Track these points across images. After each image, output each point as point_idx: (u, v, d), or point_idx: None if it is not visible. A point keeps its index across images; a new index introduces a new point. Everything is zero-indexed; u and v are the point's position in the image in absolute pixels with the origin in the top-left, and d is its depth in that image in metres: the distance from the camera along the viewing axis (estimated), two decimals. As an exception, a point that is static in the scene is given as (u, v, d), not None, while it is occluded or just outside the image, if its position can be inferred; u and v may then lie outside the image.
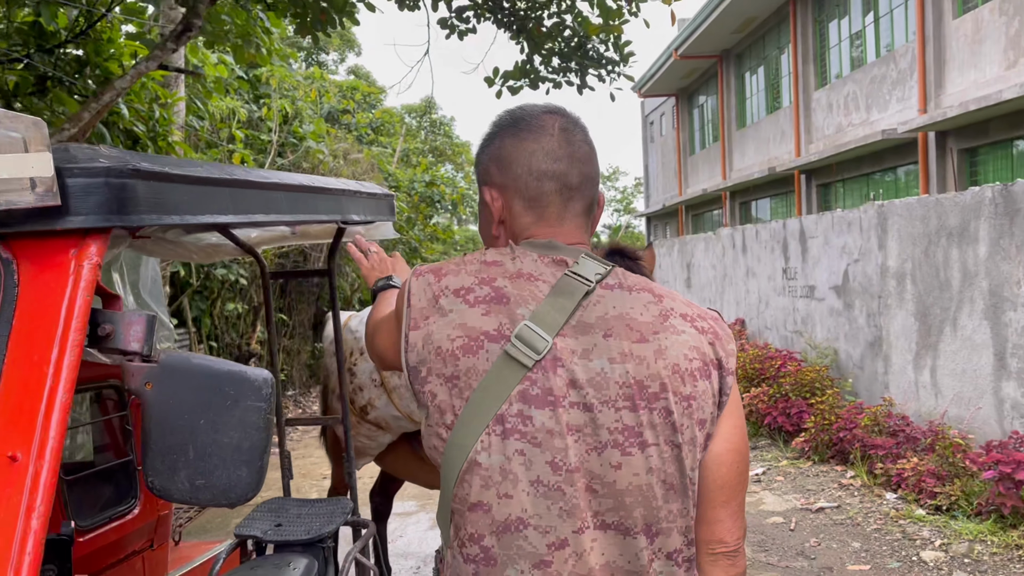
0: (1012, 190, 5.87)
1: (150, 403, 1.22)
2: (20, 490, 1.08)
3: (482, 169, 1.47)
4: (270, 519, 2.80)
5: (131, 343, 1.24)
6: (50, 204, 1.14)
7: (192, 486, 1.24)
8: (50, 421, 1.11)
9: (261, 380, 1.26)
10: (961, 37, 12.48)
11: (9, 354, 1.15)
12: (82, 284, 1.18)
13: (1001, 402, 6.06)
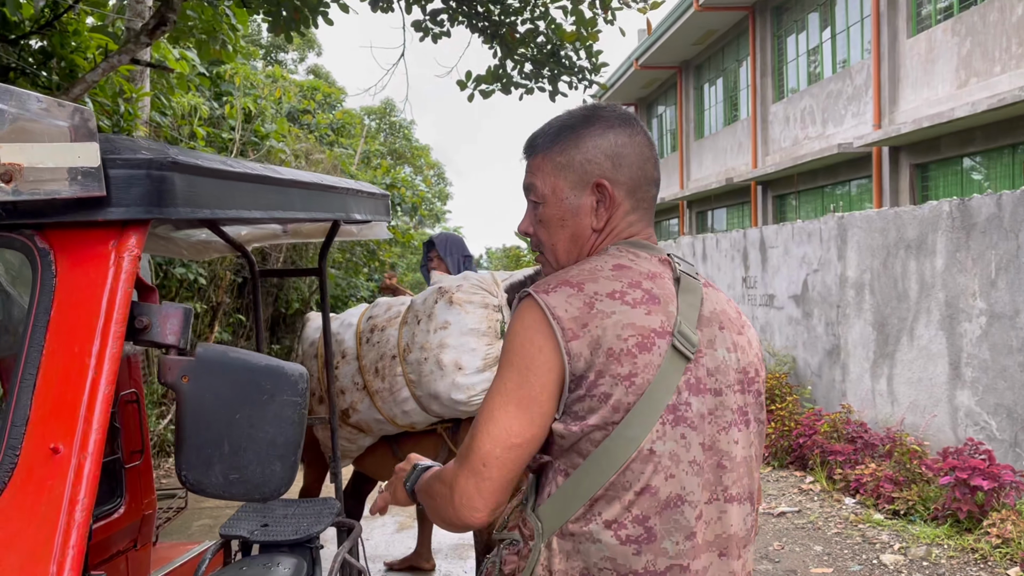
0: (969, 205, 6.07)
1: (186, 397, 1.21)
2: (63, 482, 1.07)
3: (589, 160, 1.47)
4: (256, 519, 2.78)
5: (168, 336, 1.23)
6: (95, 195, 1.13)
7: (226, 481, 1.23)
8: (92, 413, 1.10)
9: (297, 375, 1.26)
10: (915, 56, 12.85)
11: (48, 345, 1.13)
12: (123, 276, 1.17)
13: (955, 410, 6.25)
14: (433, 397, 3.24)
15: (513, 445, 1.34)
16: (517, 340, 1.35)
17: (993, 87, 10.97)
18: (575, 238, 1.50)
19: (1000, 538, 4.90)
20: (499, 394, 1.35)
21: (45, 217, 1.17)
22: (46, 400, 1.10)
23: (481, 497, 1.34)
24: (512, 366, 1.35)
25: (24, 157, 1.08)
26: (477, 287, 3.37)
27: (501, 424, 1.33)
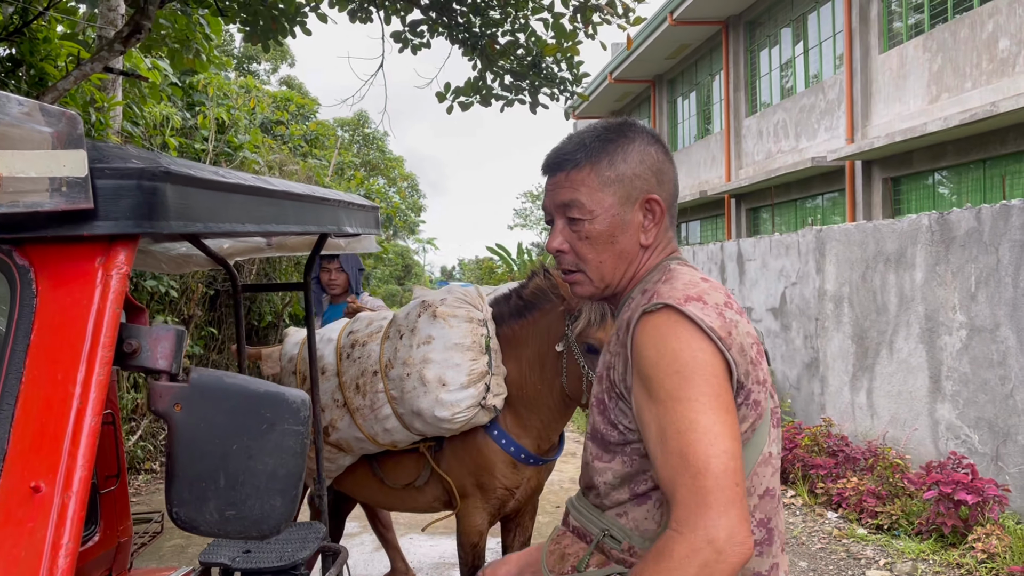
0: (948, 218, 6.09)
1: (179, 427, 1.12)
2: (44, 524, 0.96)
3: (638, 176, 1.47)
4: (237, 545, 2.66)
5: (159, 361, 1.14)
6: (82, 207, 1.03)
7: (221, 517, 1.14)
8: (77, 448, 1.00)
9: (299, 402, 1.17)
10: (887, 71, 12.99)
11: (28, 372, 1.03)
12: (110, 296, 1.07)
13: (936, 423, 6.25)
14: (416, 414, 3.14)
15: (738, 454, 1.26)
16: (686, 353, 1.28)
17: (964, 102, 11.11)
18: (623, 255, 1.47)
19: (985, 553, 4.89)
20: (702, 411, 1.25)
21: (25, 231, 1.07)
22: (25, 433, 1.00)
23: (743, 521, 1.22)
24: (695, 379, 1.27)
25: (3, 166, 0.98)
26: (461, 301, 3.27)
27: (724, 436, 1.24)
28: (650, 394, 1.30)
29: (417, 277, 43.51)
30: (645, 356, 1.31)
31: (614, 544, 1.41)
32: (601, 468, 1.45)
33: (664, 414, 1.27)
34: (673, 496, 1.25)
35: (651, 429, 1.30)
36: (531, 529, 3.74)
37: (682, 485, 1.24)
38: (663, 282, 1.40)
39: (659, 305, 1.32)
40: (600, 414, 1.46)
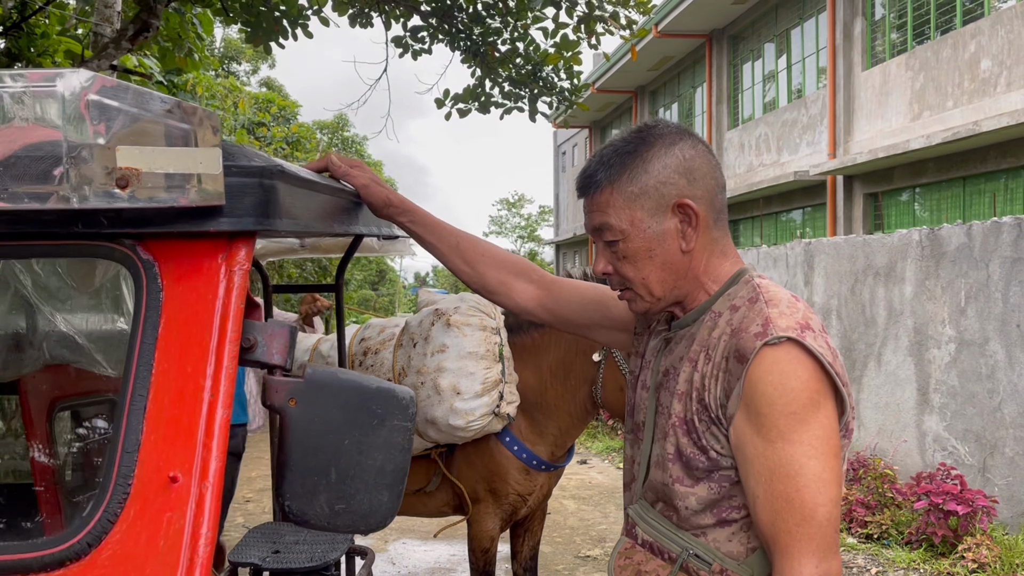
0: (939, 234, 6.22)
1: (293, 421, 1.14)
2: (183, 514, 0.98)
3: (663, 183, 1.40)
4: (266, 545, 2.66)
5: (274, 356, 1.15)
6: (214, 204, 1.05)
7: (331, 511, 1.16)
8: (212, 438, 1.01)
9: (408, 398, 1.19)
10: (869, 88, 13.22)
11: (158, 364, 1.05)
12: (234, 291, 1.09)
13: (924, 435, 6.37)
14: (430, 423, 3.15)
15: (840, 500, 1.28)
16: (804, 395, 1.26)
17: (946, 121, 11.33)
18: (667, 266, 1.42)
19: (976, 563, 4.99)
20: (813, 456, 1.26)
21: (151, 226, 1.09)
22: (159, 424, 1.02)
23: (839, 565, 1.27)
24: (810, 423, 1.26)
25: (143, 161, 1.00)
26: (475, 309, 3.30)
27: (833, 482, 1.26)
28: (759, 431, 1.28)
29: (392, 283, 43.39)
30: (761, 392, 1.27)
31: (702, 565, 1.37)
32: (683, 492, 1.40)
33: (773, 455, 1.26)
34: (775, 541, 1.27)
35: (754, 466, 1.29)
36: (540, 534, 3.77)
37: (785, 532, 1.26)
38: (768, 304, 1.35)
39: (782, 339, 1.28)
40: (686, 435, 1.39)
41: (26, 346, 1.86)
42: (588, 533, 6.37)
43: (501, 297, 1.79)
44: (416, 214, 1.74)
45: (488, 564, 3.50)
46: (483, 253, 1.77)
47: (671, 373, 1.45)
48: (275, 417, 2.59)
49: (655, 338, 1.57)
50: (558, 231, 33.15)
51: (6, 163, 0.97)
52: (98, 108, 0.97)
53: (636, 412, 1.57)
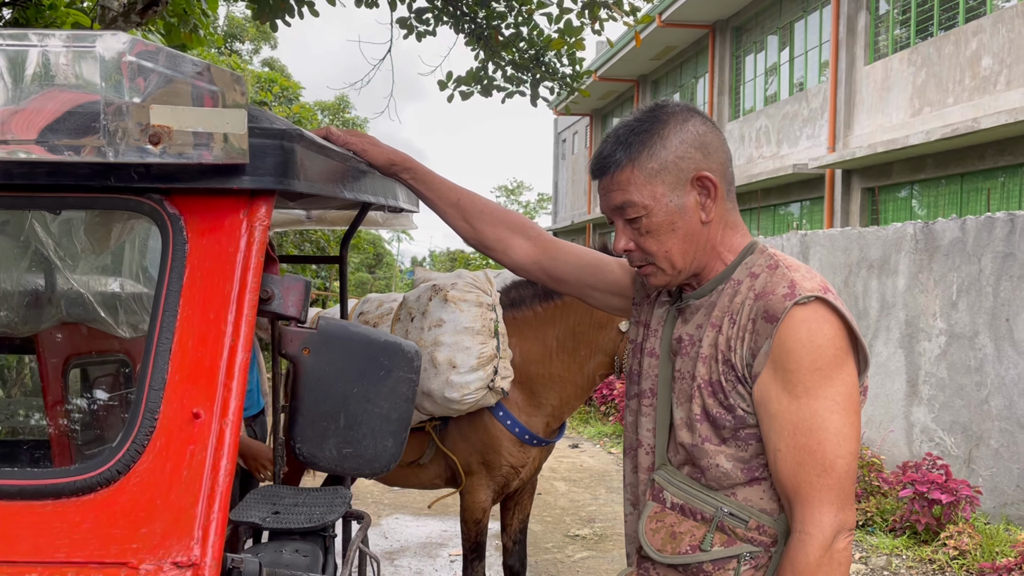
0: (933, 228, 6.30)
1: (306, 369, 1.22)
2: (205, 447, 1.06)
3: (681, 157, 1.46)
4: (266, 506, 2.74)
5: (290, 308, 1.23)
6: (238, 162, 1.12)
7: (339, 454, 1.24)
8: (232, 379, 1.09)
9: (413, 352, 1.27)
10: (871, 83, 13.27)
11: (183, 310, 1.12)
12: (255, 245, 1.17)
13: (911, 426, 6.47)
14: (426, 395, 3.24)
15: (858, 454, 1.37)
16: (829, 351, 1.35)
17: (945, 117, 11.39)
18: (688, 238, 1.48)
19: (957, 550, 5.09)
20: (836, 411, 1.34)
21: (177, 182, 1.16)
22: (183, 365, 1.09)
23: (854, 515, 1.37)
24: (834, 379, 1.35)
25: (174, 119, 1.07)
26: (471, 285, 3.38)
27: (853, 437, 1.35)
28: (786, 387, 1.35)
29: (388, 266, 43.44)
30: (789, 349, 1.35)
31: (737, 523, 1.43)
32: (713, 451, 1.45)
33: (798, 409, 1.35)
34: (796, 492, 1.36)
35: (777, 420, 1.37)
36: (529, 508, 3.86)
37: (806, 483, 1.35)
38: (789, 269, 1.43)
39: (810, 298, 1.36)
40: (712, 396, 1.45)
41: (45, 303, 1.94)
42: (578, 514, 6.48)
43: (498, 253, 1.84)
44: (418, 171, 1.81)
45: (480, 535, 3.59)
46: (483, 210, 1.83)
47: (689, 340, 1.51)
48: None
49: (660, 308, 1.63)
50: (556, 218, 33.20)
51: (48, 118, 1.04)
52: (135, 69, 1.04)
53: (642, 379, 1.63)
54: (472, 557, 3.62)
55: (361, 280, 32.62)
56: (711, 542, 1.43)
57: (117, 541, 1.02)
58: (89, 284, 2.08)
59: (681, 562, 1.46)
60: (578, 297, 1.90)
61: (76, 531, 1.03)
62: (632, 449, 1.66)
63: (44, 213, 1.74)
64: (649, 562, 1.54)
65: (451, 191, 1.85)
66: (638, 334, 1.69)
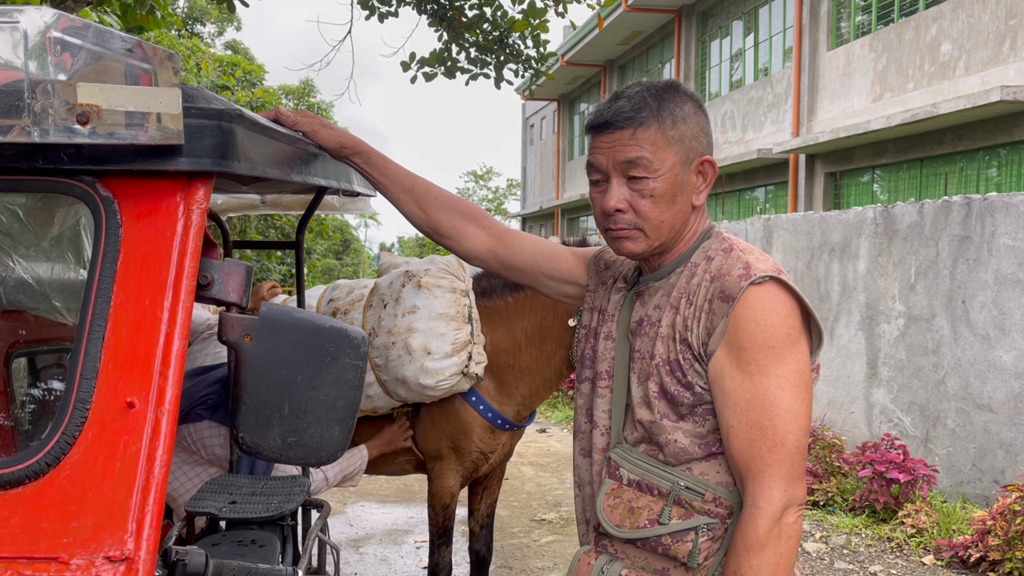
0: (892, 212, 6.38)
1: (248, 356, 1.18)
2: (139, 438, 1.02)
3: (695, 137, 1.51)
4: (222, 496, 2.70)
5: (230, 293, 1.20)
6: (173, 143, 1.08)
7: (284, 443, 1.21)
8: (168, 367, 1.06)
9: (360, 338, 1.24)
10: (834, 68, 13.38)
11: (116, 297, 1.09)
12: (192, 229, 1.13)
13: (871, 407, 6.57)
14: (400, 382, 3.21)
15: (808, 431, 1.39)
16: (782, 330, 1.37)
17: (906, 103, 11.53)
18: (679, 215, 1.51)
19: (914, 528, 5.19)
20: (787, 389, 1.37)
21: (111, 164, 1.12)
22: (117, 353, 1.06)
23: (804, 491, 1.39)
24: (786, 357, 1.38)
25: (104, 98, 1.03)
26: (444, 271, 3.35)
27: (804, 414, 1.38)
28: (739, 365, 1.38)
29: (356, 252, 43.17)
30: (744, 328, 1.38)
31: (694, 496, 1.45)
32: (671, 427, 1.47)
33: (751, 387, 1.38)
34: (747, 467, 1.39)
35: (731, 398, 1.40)
36: (497, 493, 3.86)
37: (757, 458, 1.37)
38: (743, 252, 1.46)
39: (765, 278, 1.39)
40: (670, 375, 1.47)
41: (-16, 290, 1.88)
42: (544, 498, 6.50)
43: (451, 241, 1.83)
44: (370, 155, 1.78)
45: (448, 520, 3.58)
46: (436, 197, 1.81)
47: (648, 321, 1.53)
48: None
49: (616, 294, 1.65)
50: (525, 204, 33.17)
51: (-32, 96, 1.00)
52: (60, 44, 1.00)
53: (597, 362, 1.64)
54: (439, 542, 3.61)
55: (328, 267, 32.37)
56: (669, 515, 1.45)
57: (47, 536, 0.99)
58: (33, 271, 2.02)
59: (640, 536, 1.47)
60: (531, 286, 1.89)
61: (4, 525, 0.99)
62: (583, 432, 1.68)
63: (-19, 197, 1.68)
64: (607, 538, 1.56)
65: (404, 177, 1.83)
66: (592, 319, 1.71)
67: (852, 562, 5.01)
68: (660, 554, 1.47)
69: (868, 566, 4.91)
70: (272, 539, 2.53)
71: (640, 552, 1.50)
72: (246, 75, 21.70)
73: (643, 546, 1.49)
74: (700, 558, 1.43)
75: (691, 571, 1.45)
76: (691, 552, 1.43)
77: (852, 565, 4.95)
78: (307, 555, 2.58)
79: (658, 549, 1.47)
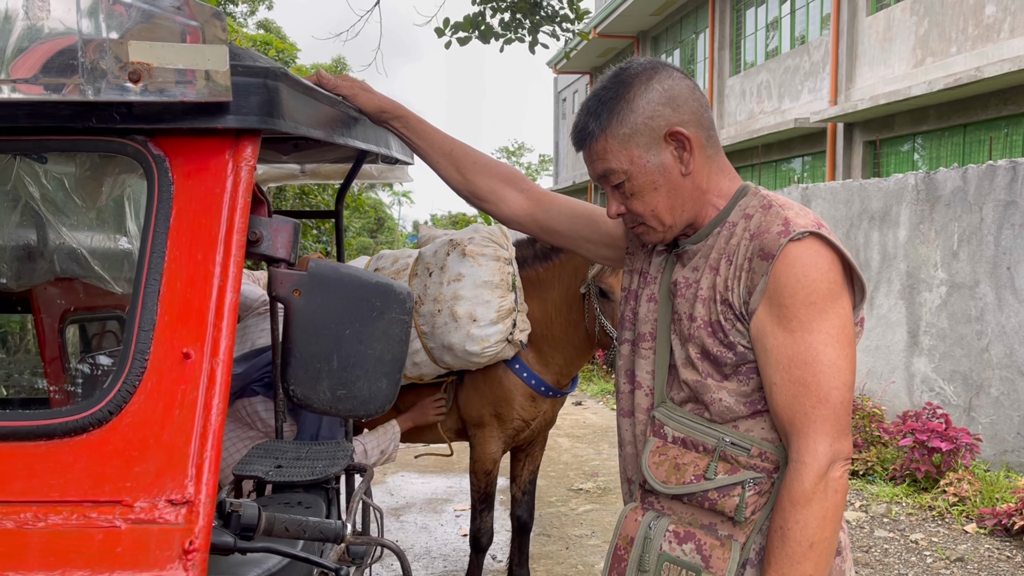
0: (935, 178, 6.26)
1: (297, 311, 1.21)
2: (196, 387, 1.06)
3: (650, 116, 1.47)
4: (268, 461, 2.76)
5: (279, 250, 1.22)
6: (221, 99, 1.10)
7: (333, 396, 1.24)
8: (222, 319, 1.08)
9: (405, 293, 1.26)
10: (873, 34, 13.09)
11: (170, 252, 1.11)
12: (241, 186, 1.15)
13: (912, 376, 6.49)
14: (447, 348, 3.26)
15: (853, 386, 1.39)
16: (823, 285, 1.37)
17: (948, 67, 11.26)
18: (672, 193, 1.50)
19: (956, 496, 5.14)
20: (829, 344, 1.37)
21: (161, 122, 1.14)
22: (172, 306, 1.09)
23: (851, 447, 1.39)
24: (828, 312, 1.37)
25: (155, 56, 1.05)
26: (488, 239, 3.38)
27: (847, 369, 1.38)
28: (780, 322, 1.38)
29: (390, 231, 43.38)
30: (784, 284, 1.38)
31: (740, 452, 1.46)
32: (715, 386, 1.48)
33: (792, 343, 1.37)
34: (791, 423, 1.39)
35: (773, 355, 1.40)
36: (540, 459, 3.90)
37: (801, 414, 1.37)
38: (782, 208, 1.44)
39: (804, 234, 1.38)
40: (711, 336, 1.48)
41: (38, 258, 1.93)
42: (581, 468, 6.53)
43: (490, 205, 1.84)
44: (409, 120, 1.79)
45: (489, 486, 3.64)
46: (475, 161, 1.82)
47: (685, 283, 1.54)
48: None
49: (658, 256, 1.66)
50: (558, 179, 33.05)
51: (26, 57, 1.02)
52: (112, 3, 1.02)
53: (639, 323, 1.65)
54: (481, 507, 3.66)
55: (363, 244, 32.57)
56: (715, 471, 1.46)
57: (111, 480, 1.03)
58: (82, 239, 2.07)
59: (686, 492, 1.49)
60: (571, 249, 1.91)
61: (70, 471, 1.03)
62: (623, 393, 1.69)
63: (34, 165, 1.73)
64: (653, 495, 1.57)
65: (443, 141, 1.84)
66: (632, 281, 1.72)
67: (892, 530, 4.98)
68: (707, 509, 1.48)
69: (909, 534, 4.88)
70: (318, 501, 2.58)
71: (687, 508, 1.51)
72: (279, 54, 21.86)
73: (689, 501, 1.50)
74: (747, 512, 1.44)
75: (738, 525, 1.46)
76: (738, 506, 1.44)
77: (892, 533, 4.93)
78: (352, 517, 2.64)
79: (705, 504, 1.48)
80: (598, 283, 3.21)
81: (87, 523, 1.00)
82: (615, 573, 1.56)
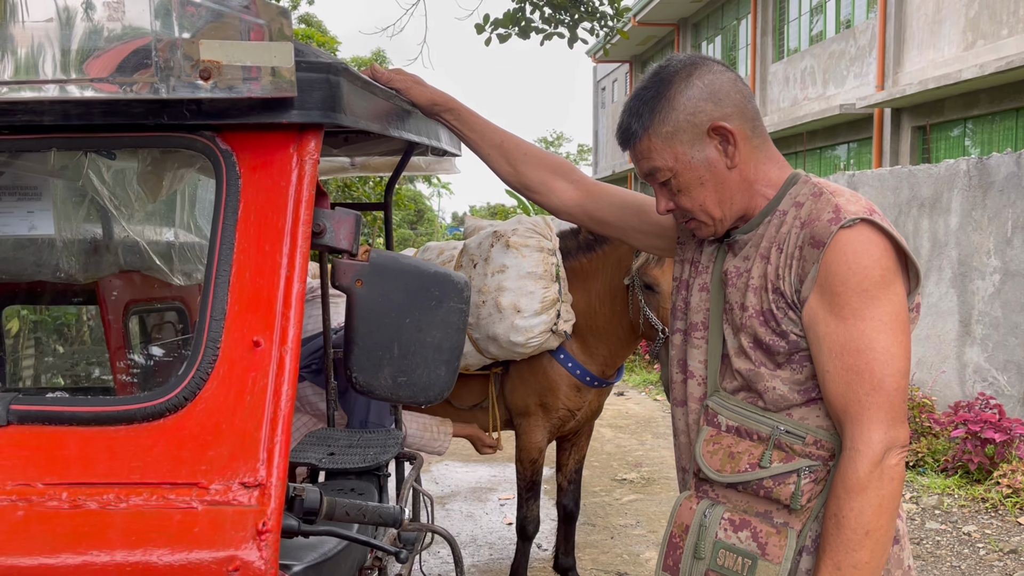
0: (987, 163, 6.12)
1: (359, 300, 1.24)
2: (266, 374, 1.09)
3: (692, 113, 1.48)
4: (321, 448, 2.82)
5: (342, 241, 1.26)
6: (287, 95, 1.14)
7: (394, 383, 1.27)
8: (290, 308, 1.12)
9: (463, 283, 1.29)
10: (922, 16, 12.81)
11: (239, 243, 1.15)
12: (306, 179, 1.19)
13: (964, 366, 6.37)
14: (491, 339, 3.30)
15: (908, 373, 1.39)
16: (876, 272, 1.36)
17: (1000, 50, 10.98)
18: (720, 187, 1.51)
19: (1011, 488, 5.05)
20: (882, 331, 1.36)
21: (229, 118, 1.18)
22: (242, 296, 1.13)
23: (907, 434, 1.38)
24: (880, 299, 1.37)
25: (224, 54, 1.09)
26: (532, 231, 3.40)
27: (902, 356, 1.37)
28: (833, 309, 1.38)
29: (430, 223, 43.61)
30: (835, 272, 1.37)
31: (795, 440, 1.46)
32: (769, 375, 1.49)
33: (845, 331, 1.37)
34: (845, 411, 1.39)
35: (826, 343, 1.40)
36: (586, 449, 3.92)
37: (855, 402, 1.37)
38: (833, 195, 1.43)
39: (855, 220, 1.37)
40: (764, 325, 1.48)
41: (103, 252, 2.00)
42: (625, 459, 6.54)
43: (541, 196, 1.86)
44: (461, 112, 1.82)
45: (536, 474, 3.67)
46: (525, 152, 1.84)
47: (736, 272, 1.55)
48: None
49: (710, 246, 1.66)
50: (597, 168, 32.92)
51: (101, 56, 1.06)
52: (184, 3, 1.05)
53: (691, 313, 1.66)
54: (527, 496, 3.69)
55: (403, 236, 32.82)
56: (770, 459, 1.46)
57: (187, 463, 1.07)
58: (144, 233, 2.13)
59: (741, 480, 1.49)
60: (621, 239, 1.92)
61: (148, 454, 1.07)
62: (676, 383, 1.70)
63: (99, 161, 1.79)
64: (708, 484, 1.58)
65: (494, 133, 1.87)
66: (684, 271, 1.72)
67: (944, 522, 4.91)
68: (762, 497, 1.49)
69: (961, 526, 4.81)
70: (370, 488, 2.63)
71: (742, 496, 1.52)
72: (320, 47, 22.04)
73: (744, 490, 1.51)
74: (803, 500, 1.44)
75: (794, 513, 1.46)
76: (794, 494, 1.44)
77: (944, 525, 4.86)
78: (403, 503, 2.68)
79: (760, 492, 1.48)
80: (642, 275, 3.21)
81: (166, 504, 1.04)
82: (671, 560, 1.57)
